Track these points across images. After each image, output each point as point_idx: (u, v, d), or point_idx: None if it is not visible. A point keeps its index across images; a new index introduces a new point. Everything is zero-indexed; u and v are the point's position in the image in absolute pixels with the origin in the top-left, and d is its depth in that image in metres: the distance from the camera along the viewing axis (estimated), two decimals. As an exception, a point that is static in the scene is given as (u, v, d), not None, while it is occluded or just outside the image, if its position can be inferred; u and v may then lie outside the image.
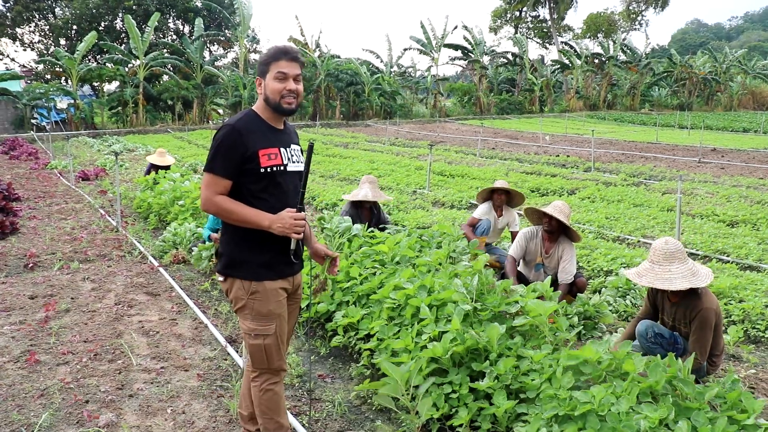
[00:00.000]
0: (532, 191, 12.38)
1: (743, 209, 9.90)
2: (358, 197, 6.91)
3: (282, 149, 2.98)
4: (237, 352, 4.84)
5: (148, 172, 11.81)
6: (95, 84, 37.71)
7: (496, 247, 7.11)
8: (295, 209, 2.93)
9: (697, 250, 7.65)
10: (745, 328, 5.26)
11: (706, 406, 2.94)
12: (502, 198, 6.95)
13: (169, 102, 37.14)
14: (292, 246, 2.99)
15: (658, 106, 50.79)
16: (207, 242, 7.17)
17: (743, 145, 22.90)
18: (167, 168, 11.91)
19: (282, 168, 2.95)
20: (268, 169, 2.90)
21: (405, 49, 47.33)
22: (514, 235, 7.00)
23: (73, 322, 5.58)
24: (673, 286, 3.83)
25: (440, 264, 5.21)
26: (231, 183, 2.89)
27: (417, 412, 3.18)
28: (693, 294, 3.98)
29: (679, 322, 4.06)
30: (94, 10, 42.65)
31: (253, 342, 3.03)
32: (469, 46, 46.76)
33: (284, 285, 3.06)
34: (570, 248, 5.66)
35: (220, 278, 3.06)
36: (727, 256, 7.42)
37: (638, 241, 8.25)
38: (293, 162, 3.02)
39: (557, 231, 5.66)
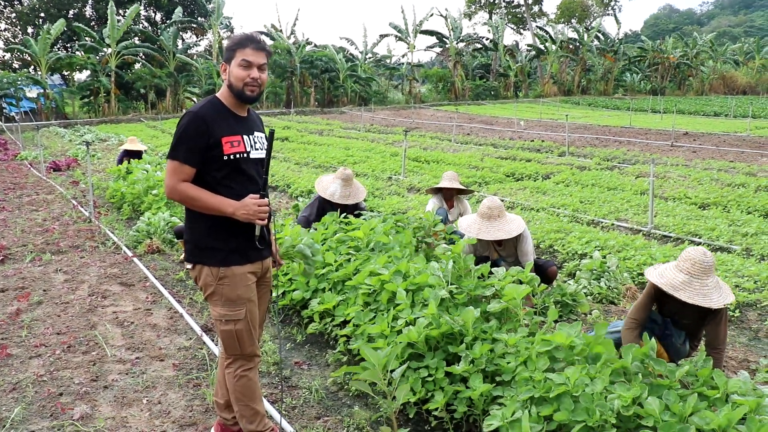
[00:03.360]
0: (507, 176, 12.43)
1: (714, 192, 10.05)
2: (324, 193, 6.60)
3: (245, 136, 2.99)
4: (213, 340, 4.81)
5: (120, 161, 11.65)
6: (65, 73, 37.06)
7: (458, 230, 7.12)
8: (258, 195, 2.93)
9: (670, 233, 7.75)
10: (716, 308, 5.34)
11: (677, 384, 2.98)
12: (452, 191, 6.96)
13: (142, 91, 36.72)
14: (257, 232, 3.00)
15: (631, 91, 51.25)
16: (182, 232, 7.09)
17: (714, 128, 23.21)
18: (140, 154, 11.78)
19: (245, 155, 2.96)
20: (231, 157, 2.90)
21: (382, 35, 47.19)
22: None
23: (45, 314, 5.50)
24: (713, 303, 3.51)
25: (406, 247, 5.23)
26: (195, 170, 2.89)
27: (394, 397, 3.18)
28: None
29: (683, 315, 3.93)
30: (62, -2, 41.84)
31: (225, 328, 3.03)
32: (445, 32, 46.72)
33: (252, 269, 3.08)
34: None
35: (188, 266, 3.06)
36: (699, 237, 7.53)
37: (612, 224, 8.34)
38: (256, 149, 3.03)
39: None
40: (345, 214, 6.49)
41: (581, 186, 11.07)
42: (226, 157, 2.89)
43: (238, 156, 2.92)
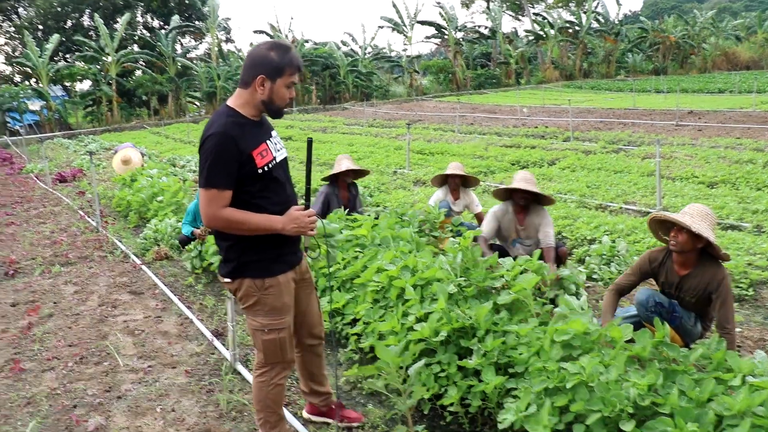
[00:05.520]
0: (513, 164, 12.37)
1: (722, 170, 9.96)
2: (341, 169, 6.76)
3: (267, 142, 2.92)
4: (224, 345, 4.80)
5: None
6: (67, 84, 37.20)
7: (464, 222, 7.11)
8: (302, 206, 2.91)
9: (679, 213, 7.68)
10: (729, 288, 5.28)
11: (692, 368, 2.95)
12: (457, 181, 6.94)
13: (144, 97, 36.76)
14: (306, 243, 3.00)
15: (633, 72, 50.88)
16: (188, 239, 7.06)
17: (719, 105, 23.02)
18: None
19: (274, 162, 2.91)
20: (265, 168, 2.84)
21: (379, 27, 47.11)
22: (478, 217, 6.95)
23: (56, 327, 5.51)
24: (693, 226, 3.66)
25: (410, 241, 5.23)
26: (232, 192, 2.79)
27: (410, 395, 3.16)
28: (708, 263, 3.85)
29: (687, 293, 3.91)
30: (59, 8, 41.91)
31: (268, 337, 2.98)
32: (442, 22, 46.55)
33: (293, 275, 3.07)
34: (543, 212, 5.61)
35: (227, 280, 2.99)
36: (708, 217, 7.46)
37: (620, 208, 8.28)
38: (278, 151, 2.98)
39: (530, 202, 5.63)
40: (349, 210, 6.50)
41: (587, 170, 11.00)
42: (260, 170, 2.81)
43: (270, 165, 2.86)
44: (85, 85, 37.56)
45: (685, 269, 3.93)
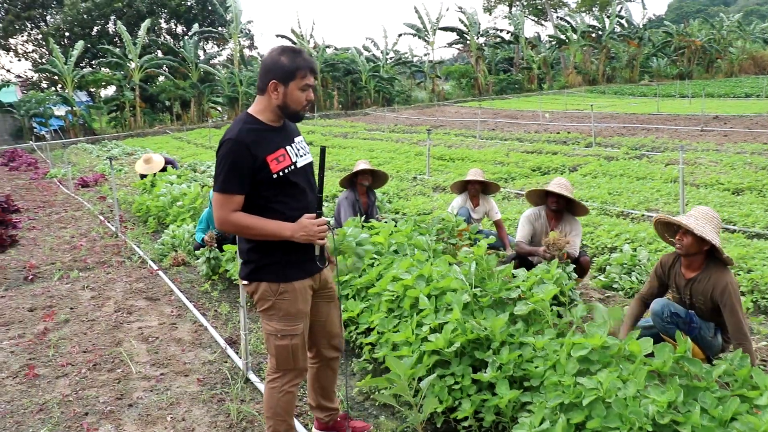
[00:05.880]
0: (533, 170, 12.24)
1: (748, 176, 9.75)
2: (357, 168, 6.89)
3: (288, 147, 2.91)
4: (237, 353, 4.76)
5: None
6: (92, 90, 37.70)
7: (483, 229, 7.03)
8: (314, 215, 2.89)
9: (703, 221, 7.51)
10: (754, 299, 5.13)
11: (715, 385, 2.83)
12: (477, 187, 6.88)
13: (167, 103, 37.11)
14: (317, 252, 2.97)
15: (657, 77, 50.29)
16: (201, 246, 7.04)
17: (746, 110, 22.64)
18: (164, 169, 11.86)
19: (293, 167, 2.89)
20: (281, 173, 2.84)
21: (399, 35, 47.09)
22: (497, 224, 6.89)
23: (72, 332, 5.51)
24: (695, 228, 3.68)
25: (425, 250, 5.17)
26: (243, 197, 2.82)
27: (420, 408, 3.09)
28: (714, 267, 3.79)
29: (697, 299, 3.85)
30: (85, 15, 42.54)
31: (280, 343, 2.97)
32: (464, 28, 46.42)
33: (311, 283, 3.04)
34: (576, 223, 5.55)
35: (245, 282, 3.02)
36: (734, 225, 7.29)
37: (642, 215, 8.12)
38: (301, 156, 2.96)
39: (562, 208, 5.54)
40: (366, 217, 6.46)
41: (609, 177, 10.84)
42: (275, 176, 2.82)
43: (287, 170, 2.86)
44: (109, 91, 38.11)
45: (692, 272, 3.88)
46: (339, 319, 3.36)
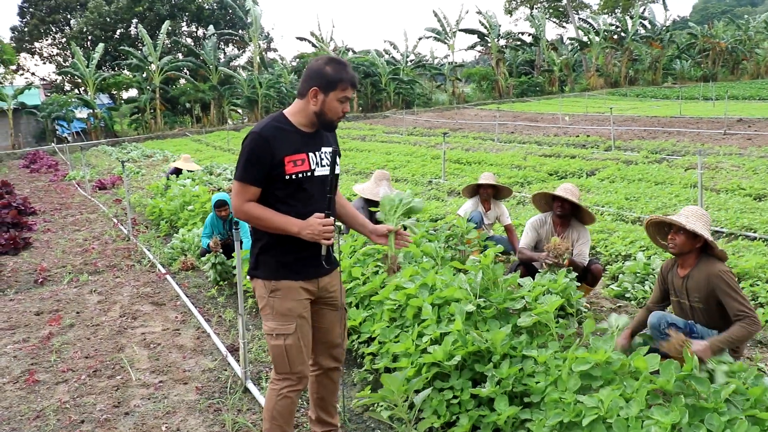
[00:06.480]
0: (550, 174, 12.06)
1: (771, 181, 9.49)
2: (377, 197, 6.53)
3: (310, 154, 2.94)
4: (237, 361, 4.68)
5: (168, 177, 11.80)
6: (113, 92, 38.08)
7: (494, 235, 6.88)
8: (323, 215, 2.88)
9: (722, 228, 7.31)
10: (773, 311, 4.94)
11: (724, 405, 2.69)
12: (489, 192, 6.75)
13: (187, 105, 37.33)
14: (323, 252, 2.95)
15: (681, 79, 49.57)
16: (207, 252, 6.96)
17: (771, 113, 22.17)
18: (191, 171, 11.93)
19: (309, 174, 2.92)
20: (293, 176, 2.88)
21: (420, 39, 46.97)
22: (508, 229, 6.75)
23: (76, 337, 5.48)
24: (687, 224, 3.70)
25: (432, 257, 5.06)
26: (260, 190, 2.89)
27: (415, 425, 2.98)
28: (706, 261, 3.76)
29: (693, 298, 3.80)
30: (108, 18, 43.00)
31: (275, 342, 2.98)
32: (484, 30, 46.17)
33: (306, 286, 3.02)
34: (584, 231, 5.40)
35: (249, 278, 3.09)
36: (754, 232, 7.07)
37: (660, 222, 7.92)
38: (322, 166, 2.97)
39: (569, 214, 5.39)
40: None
41: (627, 181, 10.63)
42: (288, 177, 2.87)
43: (301, 175, 2.89)
44: (132, 94, 38.45)
45: (685, 270, 3.85)
46: (342, 330, 3.29)
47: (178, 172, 11.88)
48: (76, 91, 36.78)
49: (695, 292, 3.77)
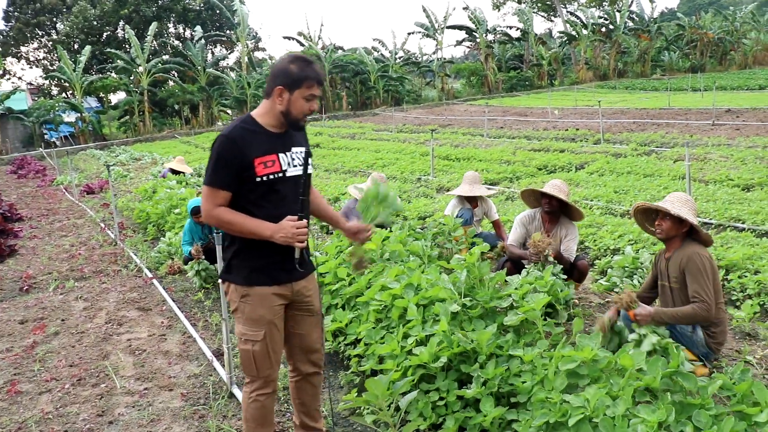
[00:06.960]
0: (539, 169, 12.03)
1: (759, 171, 9.48)
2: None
3: (281, 154, 2.89)
4: (223, 366, 4.62)
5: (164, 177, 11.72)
6: (101, 95, 37.83)
7: (482, 232, 6.83)
8: (296, 217, 2.84)
9: (711, 219, 7.29)
10: (761, 302, 4.90)
11: (711, 401, 2.65)
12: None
13: (176, 107, 37.14)
14: (297, 255, 2.91)
15: (669, 71, 49.68)
16: (190, 259, 6.88)
17: (759, 103, 22.19)
18: (183, 175, 11.82)
19: (280, 175, 2.88)
20: (264, 178, 2.84)
21: (409, 33, 46.89)
22: (495, 224, 6.70)
23: (60, 345, 5.40)
24: (670, 208, 3.83)
25: (419, 256, 5.00)
26: (230, 194, 2.85)
27: (399, 428, 2.93)
28: (689, 244, 3.86)
29: (673, 278, 3.89)
30: (94, 22, 42.72)
31: (243, 347, 2.98)
32: (472, 26, 46.14)
33: (279, 291, 2.96)
34: (572, 228, 5.36)
35: (221, 281, 3.09)
36: (742, 223, 7.05)
37: (648, 214, 7.89)
38: (293, 167, 2.92)
39: (557, 211, 5.34)
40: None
41: (616, 175, 10.61)
42: (258, 179, 2.82)
43: (272, 177, 2.85)
44: (120, 96, 38.23)
45: (669, 252, 3.96)
46: (320, 335, 3.26)
47: (174, 172, 11.80)
48: (64, 94, 36.51)
49: (674, 273, 3.86)
